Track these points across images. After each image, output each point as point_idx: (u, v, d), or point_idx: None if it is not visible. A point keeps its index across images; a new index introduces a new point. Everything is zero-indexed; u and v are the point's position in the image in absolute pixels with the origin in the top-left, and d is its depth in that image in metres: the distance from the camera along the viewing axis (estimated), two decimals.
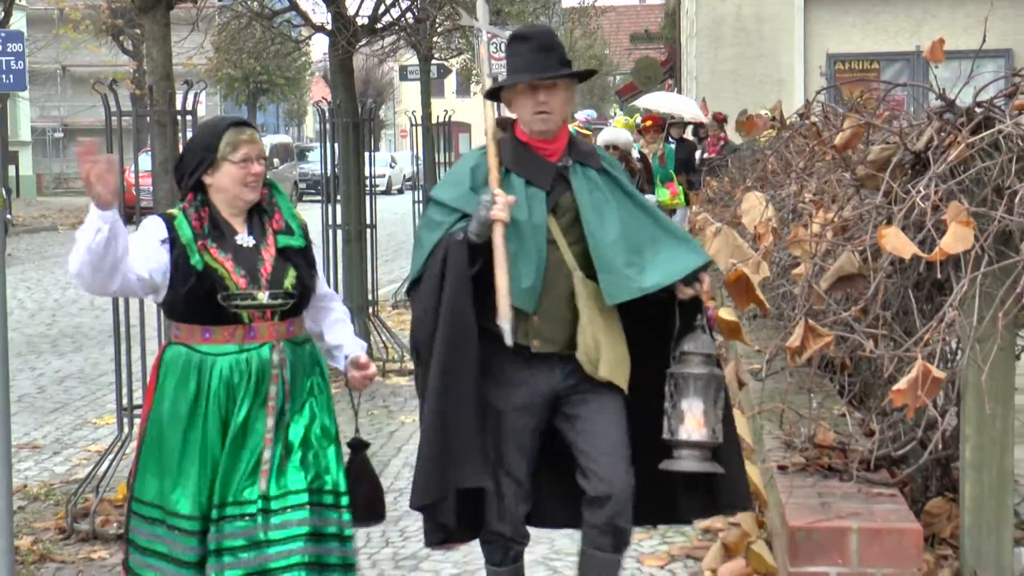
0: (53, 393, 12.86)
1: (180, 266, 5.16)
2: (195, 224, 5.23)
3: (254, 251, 5.28)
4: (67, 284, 21.93)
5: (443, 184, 5.73)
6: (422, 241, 5.51)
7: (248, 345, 5.21)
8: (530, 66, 5.46)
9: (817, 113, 7.73)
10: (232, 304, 5.15)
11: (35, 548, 7.51)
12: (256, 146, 5.32)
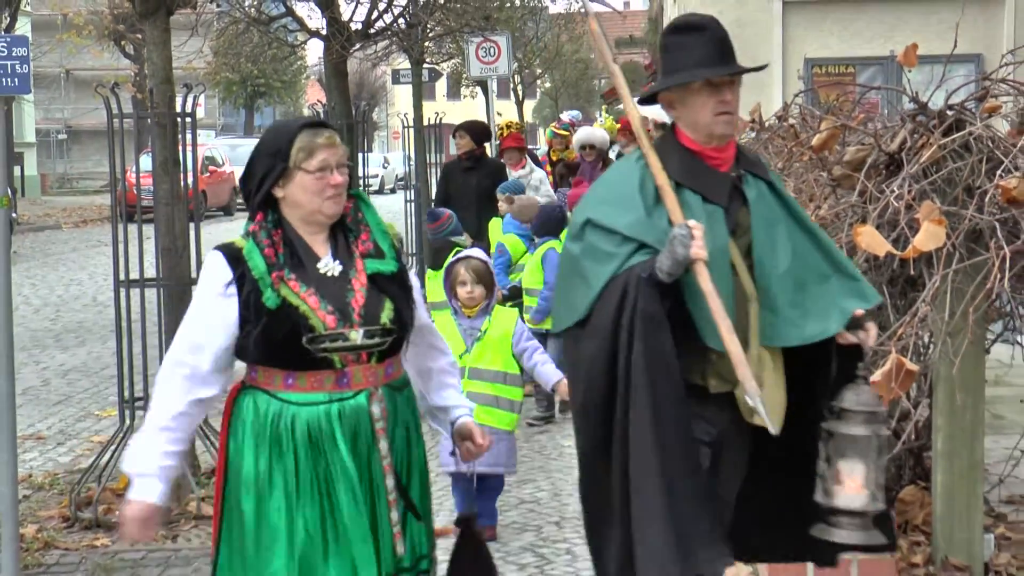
0: (57, 386, 12.84)
1: (251, 305, 4.19)
2: (268, 252, 4.23)
3: (342, 280, 4.27)
4: (70, 281, 21.92)
5: (605, 205, 4.57)
6: (586, 274, 4.47)
7: (340, 394, 4.22)
8: (709, 60, 4.52)
9: (795, 115, 7.74)
10: (320, 347, 4.16)
11: (40, 536, 7.50)
12: (335, 151, 4.28)
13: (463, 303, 7.32)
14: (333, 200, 4.26)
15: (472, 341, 7.30)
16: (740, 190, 4.54)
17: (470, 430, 4.56)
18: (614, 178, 4.73)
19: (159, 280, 8.03)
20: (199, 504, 7.78)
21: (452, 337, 7.04)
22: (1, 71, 6.49)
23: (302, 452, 4.18)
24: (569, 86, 60.58)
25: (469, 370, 7.17)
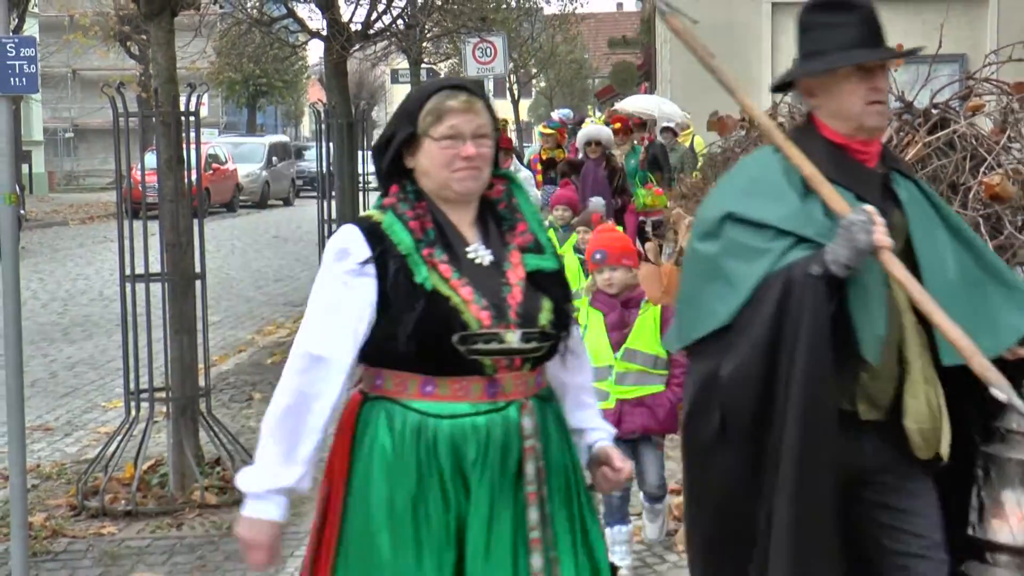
0: (64, 378, 12.84)
1: (401, 287, 3.44)
2: (413, 225, 3.52)
3: (494, 272, 3.55)
4: (77, 275, 21.91)
5: (750, 197, 3.84)
6: (730, 275, 3.72)
7: (488, 404, 3.49)
8: (860, 42, 3.91)
9: (784, 114, 7.74)
10: (472, 348, 3.43)
11: (48, 524, 7.50)
12: (471, 118, 3.54)
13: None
14: (464, 175, 3.53)
15: None
16: (891, 189, 3.91)
17: (608, 455, 3.76)
18: (753, 169, 4.04)
19: (164, 275, 8.02)
20: (203, 493, 7.78)
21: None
22: (9, 71, 6.48)
23: (448, 474, 3.45)
24: (564, 85, 60.60)
25: None
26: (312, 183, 38.82)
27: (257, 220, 36.50)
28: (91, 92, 53.25)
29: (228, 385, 11.57)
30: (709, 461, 3.85)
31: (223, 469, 8.12)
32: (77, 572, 6.85)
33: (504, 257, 3.58)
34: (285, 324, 15.72)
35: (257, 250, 26.88)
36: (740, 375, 3.67)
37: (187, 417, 8.01)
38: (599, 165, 14.61)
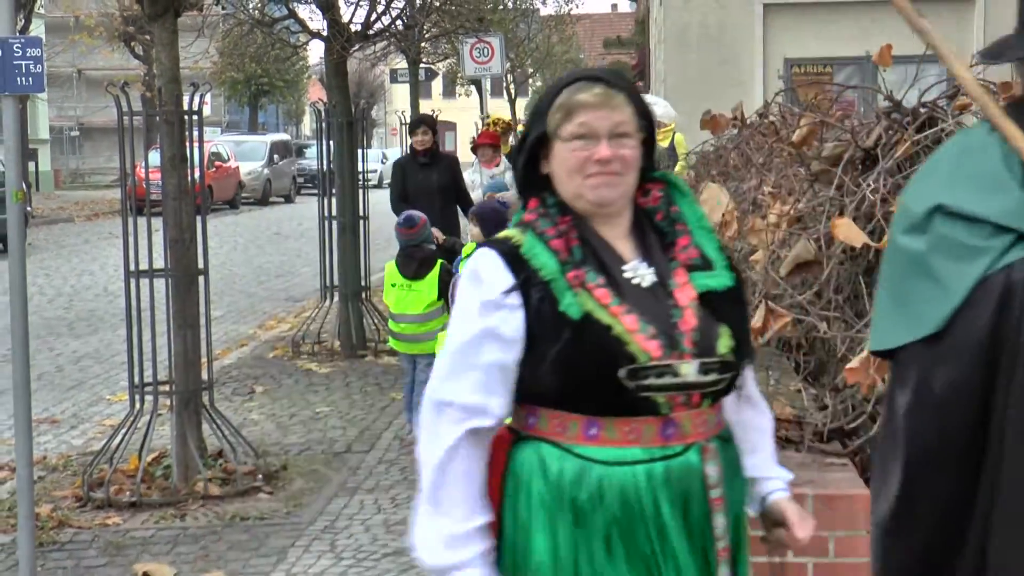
0: (70, 372, 12.84)
1: (546, 318, 2.89)
2: (556, 244, 2.95)
3: (659, 294, 2.97)
4: (83, 271, 21.91)
5: (962, 187, 3.21)
6: (940, 275, 3.12)
7: (663, 449, 2.92)
8: None
9: (775, 113, 7.75)
10: (642, 384, 2.86)
11: (54, 515, 7.51)
12: (607, 114, 2.94)
13: None
14: (597, 181, 2.93)
15: None
16: None
17: (784, 511, 3.16)
18: (963, 154, 3.34)
19: (167, 271, 8.02)
20: (206, 484, 7.79)
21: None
22: (16, 71, 6.48)
23: (615, 531, 2.89)
24: None
25: None
26: (313, 180, 38.79)
27: (259, 217, 36.50)
28: (96, 91, 53.36)
29: (230, 379, 11.58)
30: (920, 484, 3.14)
31: (225, 461, 8.14)
32: (83, 562, 6.85)
33: (668, 275, 2.98)
34: (286, 319, 15.73)
35: (259, 246, 26.89)
36: (955, 390, 3.08)
37: (190, 410, 8.01)
38: None
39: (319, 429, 9.59)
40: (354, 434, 9.41)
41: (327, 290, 12.92)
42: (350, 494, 7.87)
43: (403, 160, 12.77)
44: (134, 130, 7.94)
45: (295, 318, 15.48)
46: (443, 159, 12.62)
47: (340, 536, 7.10)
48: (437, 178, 12.18)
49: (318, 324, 12.97)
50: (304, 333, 13.03)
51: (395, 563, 6.62)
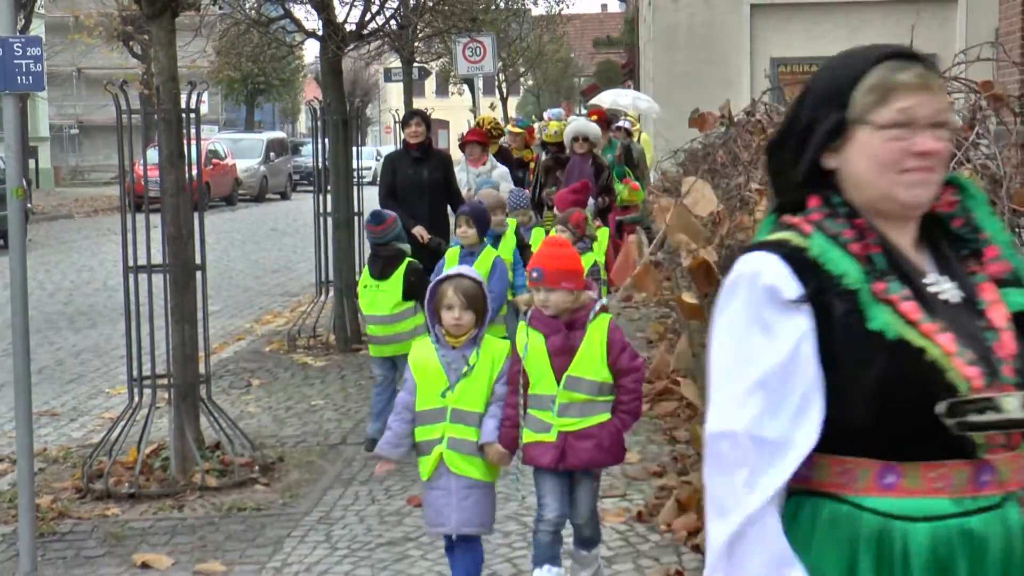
0: (70, 365, 12.83)
1: (854, 336, 2.35)
2: (855, 249, 2.42)
3: (969, 312, 2.44)
4: (82, 267, 21.88)
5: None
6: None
7: (976, 500, 2.36)
8: None
9: (762, 111, 7.75)
10: (964, 421, 2.32)
11: (54, 506, 7.50)
12: (928, 99, 2.42)
13: (448, 330, 5.60)
14: (915, 178, 2.42)
15: (457, 377, 5.58)
16: None
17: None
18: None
19: (165, 266, 8.02)
20: (203, 476, 7.78)
21: (432, 372, 5.61)
22: (16, 69, 6.47)
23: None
24: (550, 84, 60.58)
25: (452, 412, 5.56)
26: (308, 178, 38.75)
27: (255, 213, 36.47)
28: (95, 90, 53.30)
29: (228, 372, 11.57)
30: None
31: (223, 453, 8.13)
32: (82, 552, 6.85)
33: (974, 291, 2.46)
34: (282, 313, 15.72)
35: (255, 242, 26.86)
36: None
37: (188, 403, 8.01)
38: (585, 161, 13.54)
39: (315, 421, 9.59)
40: (349, 426, 9.41)
41: (322, 285, 12.92)
42: (345, 485, 7.87)
43: (395, 154, 12.16)
44: (133, 128, 7.93)
45: (291, 313, 15.47)
46: (436, 155, 11.93)
47: (335, 527, 7.10)
48: (428, 174, 11.54)
49: (314, 319, 12.97)
50: (300, 327, 13.03)
51: (389, 552, 6.62)
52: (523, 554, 6.45)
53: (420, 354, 5.68)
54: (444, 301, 5.57)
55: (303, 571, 6.41)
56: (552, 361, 5.54)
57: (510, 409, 5.59)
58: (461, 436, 5.56)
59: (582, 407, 5.55)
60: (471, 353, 5.59)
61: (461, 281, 5.62)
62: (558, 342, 5.54)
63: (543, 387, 5.56)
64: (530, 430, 5.58)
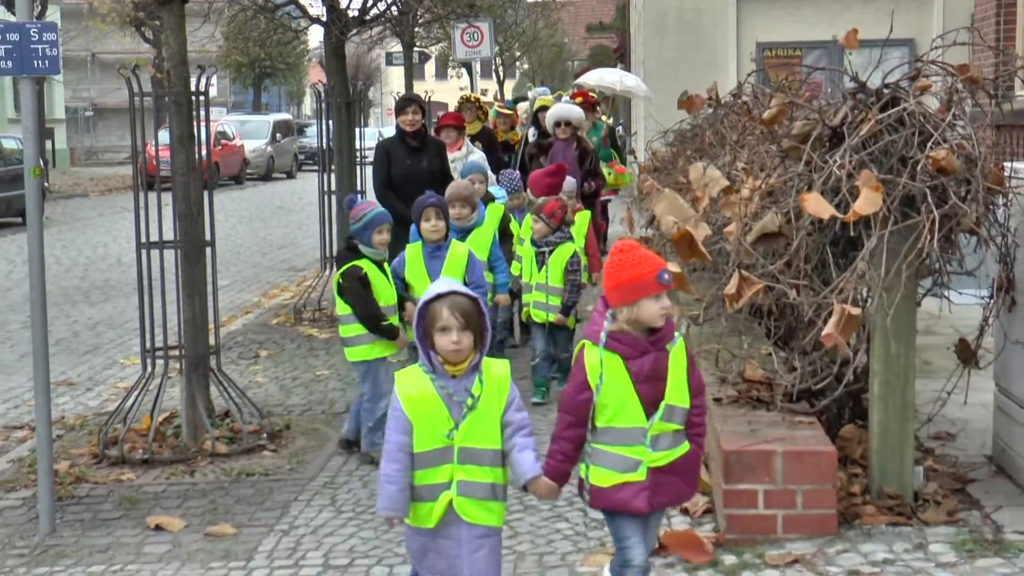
0: (86, 337, 12.82)
1: None
2: None
3: None
4: (97, 243, 21.85)
5: None
6: None
7: None
8: None
9: (748, 93, 7.75)
10: None
11: (72, 471, 7.51)
12: None
13: (445, 357, 4.50)
14: None
15: (461, 411, 4.51)
16: None
17: None
18: None
19: (177, 242, 8.01)
20: (214, 443, 7.79)
21: (430, 407, 4.51)
22: (33, 54, 6.45)
23: None
24: (545, 68, 60.40)
25: (460, 452, 4.52)
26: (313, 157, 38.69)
27: (262, 192, 36.41)
28: (109, 74, 53.16)
29: (236, 344, 11.56)
30: None
31: (232, 421, 8.14)
32: (99, 515, 6.86)
33: None
34: (289, 288, 15.71)
35: (263, 219, 26.83)
36: None
37: (199, 373, 8.01)
38: (569, 146, 12.45)
39: (320, 391, 9.59)
40: (352, 395, 9.42)
41: (327, 260, 12.90)
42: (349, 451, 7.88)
43: (388, 143, 10.87)
44: (144, 110, 7.91)
45: (297, 287, 15.47)
46: (432, 143, 10.97)
47: (340, 491, 7.10)
48: (427, 164, 10.57)
49: (318, 293, 12.97)
50: (305, 301, 13.03)
51: None
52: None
53: (412, 387, 4.55)
54: (438, 323, 4.48)
55: (309, 533, 6.42)
56: (637, 389, 4.60)
57: (566, 444, 4.68)
58: (473, 479, 4.53)
59: (672, 438, 4.69)
60: (473, 381, 4.53)
61: (456, 299, 4.52)
62: (647, 366, 4.59)
63: (627, 419, 4.61)
64: (609, 470, 4.66)
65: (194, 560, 6.10)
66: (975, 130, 6.20)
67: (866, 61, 6.92)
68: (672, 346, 4.63)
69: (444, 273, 7.73)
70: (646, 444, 4.62)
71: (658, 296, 4.53)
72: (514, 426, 4.55)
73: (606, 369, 4.57)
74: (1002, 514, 6.12)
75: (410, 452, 4.50)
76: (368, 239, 7.43)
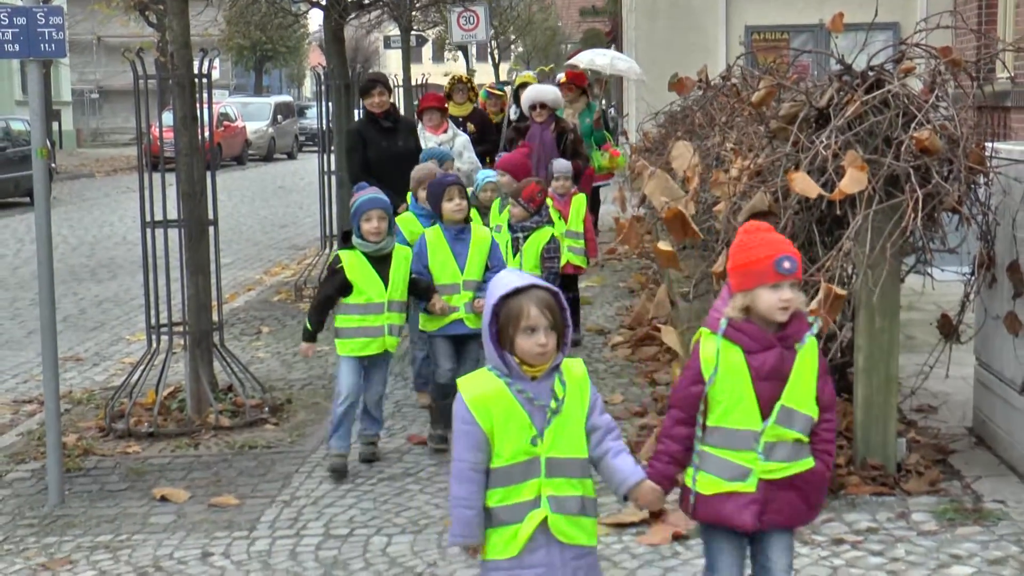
0: (93, 314, 12.81)
1: None
2: None
3: None
4: (103, 222, 21.82)
5: None
6: None
7: None
8: None
9: (737, 76, 7.74)
10: None
11: (79, 444, 7.51)
12: None
13: (527, 360, 3.77)
14: None
15: (544, 417, 3.79)
16: None
17: None
18: None
19: (180, 221, 8.00)
20: (217, 416, 7.79)
21: (509, 414, 3.77)
22: (40, 38, 6.43)
23: None
24: (539, 51, 60.33)
25: (547, 463, 3.79)
26: (313, 139, 38.60)
27: (264, 172, 36.36)
28: (114, 57, 53.03)
29: (239, 320, 11.56)
30: None
31: (235, 395, 8.15)
32: (106, 486, 6.86)
33: None
34: (289, 265, 15.71)
35: (264, 199, 26.80)
36: None
37: (202, 349, 8.01)
38: (546, 128, 11.68)
39: (320, 366, 9.59)
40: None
41: (327, 239, 12.89)
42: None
43: (359, 126, 10.36)
44: (149, 92, 7.89)
45: (297, 265, 15.46)
46: (405, 123, 10.45)
47: None
48: (403, 144, 10.01)
49: (319, 270, 12.95)
50: (305, 278, 13.02)
51: (390, 487, 6.64)
52: None
53: (484, 393, 3.80)
54: (523, 322, 3.75)
55: (310, 504, 6.43)
56: (756, 386, 3.99)
57: (673, 444, 4.07)
58: (564, 493, 3.81)
59: (791, 449, 4.03)
60: (553, 382, 3.83)
61: (539, 294, 3.78)
62: (770, 361, 3.98)
63: (740, 419, 4.00)
64: (714, 476, 4.03)
65: (198, 530, 6.12)
66: (957, 111, 6.20)
67: (851, 44, 6.92)
68: (801, 346, 4.00)
69: (472, 256, 7.11)
70: (758, 451, 3.98)
71: (776, 286, 3.91)
72: (602, 430, 3.89)
73: (723, 361, 3.97)
74: (982, 484, 6.15)
75: (485, 470, 3.78)
76: (358, 228, 6.78)
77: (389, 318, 6.87)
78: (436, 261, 7.13)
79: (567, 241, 9.39)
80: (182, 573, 5.59)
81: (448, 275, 7.12)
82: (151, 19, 43.13)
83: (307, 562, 5.65)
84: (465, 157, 10.93)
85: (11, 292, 14.34)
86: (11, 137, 25.84)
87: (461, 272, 7.13)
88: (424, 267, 7.11)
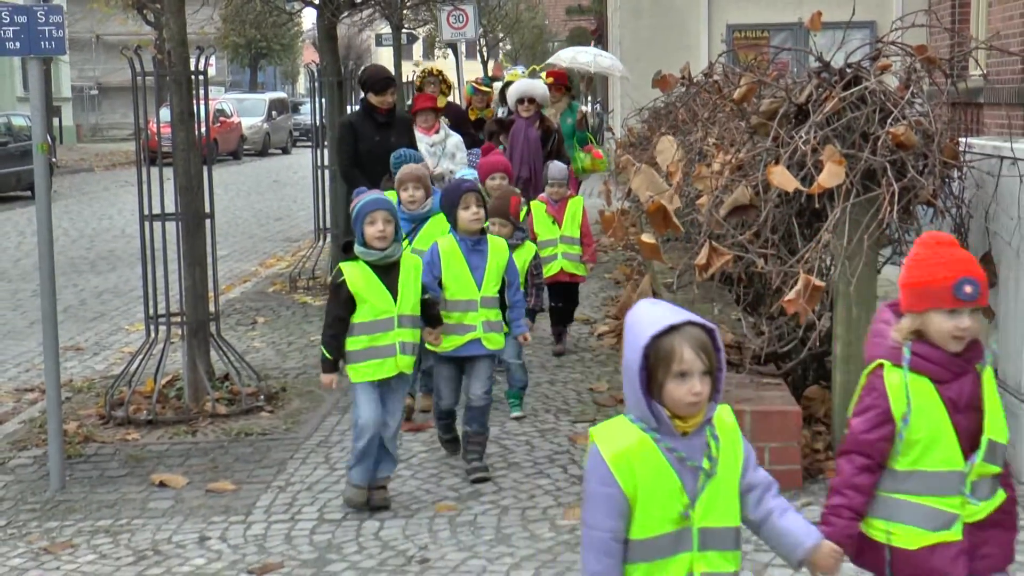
0: (92, 305, 12.79)
1: None
2: None
3: None
4: (102, 215, 21.77)
5: None
6: None
7: None
8: None
9: (719, 73, 7.73)
10: None
11: (80, 431, 7.50)
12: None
13: (679, 411, 3.09)
14: None
15: (696, 480, 3.12)
16: None
17: None
18: None
19: (178, 214, 7.98)
20: (214, 404, 7.78)
21: (658, 477, 3.09)
22: (40, 36, 6.41)
23: None
24: (527, 48, 60.26)
25: (701, 536, 3.12)
26: (307, 134, 38.54)
27: (259, 166, 36.29)
28: (112, 54, 52.86)
29: (235, 310, 11.55)
30: None
31: (231, 383, 8.13)
32: (106, 472, 6.85)
33: None
34: (284, 257, 15.69)
35: (259, 193, 26.75)
36: None
37: (199, 338, 8.00)
38: (531, 125, 11.09)
39: (314, 355, 9.57)
40: None
41: (320, 231, 12.88)
42: (342, 412, 7.87)
43: (354, 118, 9.96)
44: (147, 89, 7.87)
45: (292, 257, 15.44)
46: (402, 120, 9.96)
47: (334, 449, 7.11)
48: (396, 139, 9.38)
49: (312, 262, 12.95)
50: (300, 270, 13.01)
51: None
52: None
53: (627, 449, 3.10)
54: (675, 366, 3.05)
55: (304, 489, 6.42)
56: (954, 420, 3.41)
57: (857, 495, 3.47)
58: (717, 570, 3.15)
59: (992, 484, 3.49)
60: (705, 438, 3.15)
61: (694, 332, 3.08)
62: (967, 390, 3.43)
63: (941, 460, 3.42)
64: (916, 527, 3.45)
65: (196, 515, 6.11)
66: (932, 107, 6.21)
67: (830, 42, 6.93)
68: (982, 367, 3.46)
69: (489, 271, 6.36)
70: (966, 493, 3.42)
71: (953, 312, 3.35)
72: (761, 487, 3.23)
73: (913, 395, 3.40)
74: None
75: (624, 540, 3.10)
76: (360, 233, 5.85)
77: (400, 335, 5.86)
78: (450, 274, 6.35)
79: (562, 247, 8.96)
80: (180, 556, 5.59)
81: (464, 291, 6.33)
82: (149, 17, 42.97)
83: (302, 546, 5.65)
84: (458, 158, 10.31)
85: (13, 284, 14.30)
86: (12, 132, 25.79)
87: (479, 288, 6.35)
88: (436, 279, 6.31)
